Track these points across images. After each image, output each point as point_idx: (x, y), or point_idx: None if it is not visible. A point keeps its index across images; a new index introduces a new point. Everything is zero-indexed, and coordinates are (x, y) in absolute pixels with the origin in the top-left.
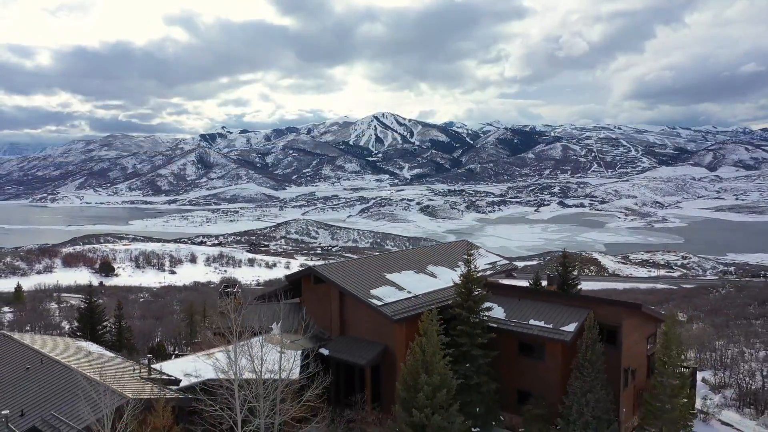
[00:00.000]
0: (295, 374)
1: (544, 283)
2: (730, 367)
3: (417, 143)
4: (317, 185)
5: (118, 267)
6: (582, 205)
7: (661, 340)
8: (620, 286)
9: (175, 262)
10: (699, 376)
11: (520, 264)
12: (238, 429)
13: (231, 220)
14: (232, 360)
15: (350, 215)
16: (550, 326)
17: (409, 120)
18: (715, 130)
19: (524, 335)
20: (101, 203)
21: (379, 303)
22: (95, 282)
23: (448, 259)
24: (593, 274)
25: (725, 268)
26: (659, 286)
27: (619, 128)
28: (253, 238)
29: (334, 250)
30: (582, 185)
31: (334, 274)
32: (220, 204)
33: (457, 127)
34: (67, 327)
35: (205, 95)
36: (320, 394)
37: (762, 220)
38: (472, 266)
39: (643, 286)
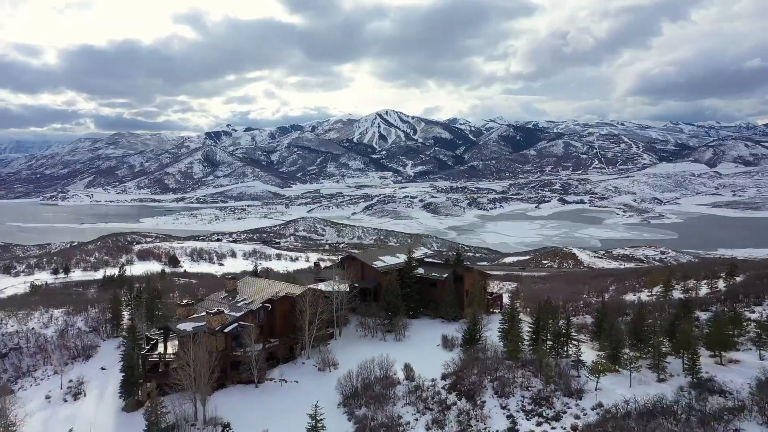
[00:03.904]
0: (346, 289)
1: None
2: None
3: (420, 140)
4: (322, 183)
5: (181, 260)
6: (582, 202)
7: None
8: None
9: (220, 256)
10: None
11: (514, 259)
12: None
13: (239, 218)
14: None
15: (354, 212)
16: (439, 276)
17: (413, 117)
18: (719, 125)
19: (430, 279)
20: (110, 201)
21: (377, 266)
22: (166, 271)
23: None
24: (570, 267)
25: (698, 262)
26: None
27: (622, 124)
28: (264, 236)
29: (341, 246)
30: (583, 182)
31: (360, 256)
32: (227, 202)
33: (461, 124)
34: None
35: (211, 93)
36: (350, 301)
37: (757, 216)
38: (412, 253)
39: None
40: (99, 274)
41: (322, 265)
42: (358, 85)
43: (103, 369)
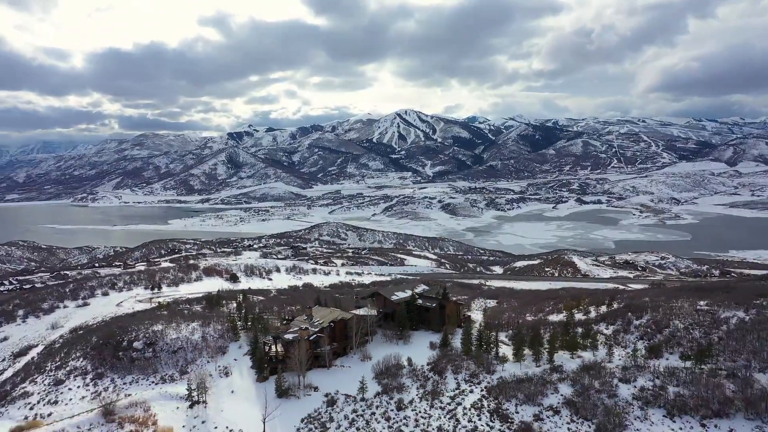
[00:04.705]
0: (374, 313)
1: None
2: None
3: (439, 140)
4: (342, 183)
5: (238, 276)
6: (599, 202)
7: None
8: (578, 285)
9: (267, 272)
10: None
11: (524, 263)
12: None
13: (263, 220)
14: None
15: (375, 213)
16: (431, 305)
17: (432, 117)
18: (743, 121)
19: (425, 306)
20: (138, 203)
21: (393, 298)
22: (228, 286)
23: (414, 285)
24: (569, 275)
25: (698, 267)
26: (602, 285)
27: (643, 121)
28: (291, 240)
29: (363, 253)
30: (601, 181)
31: (383, 292)
32: (251, 203)
33: (480, 123)
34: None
35: (233, 93)
36: (377, 320)
37: None
38: (414, 291)
39: (586, 285)
40: (182, 290)
41: (358, 307)
42: (379, 84)
43: (235, 360)
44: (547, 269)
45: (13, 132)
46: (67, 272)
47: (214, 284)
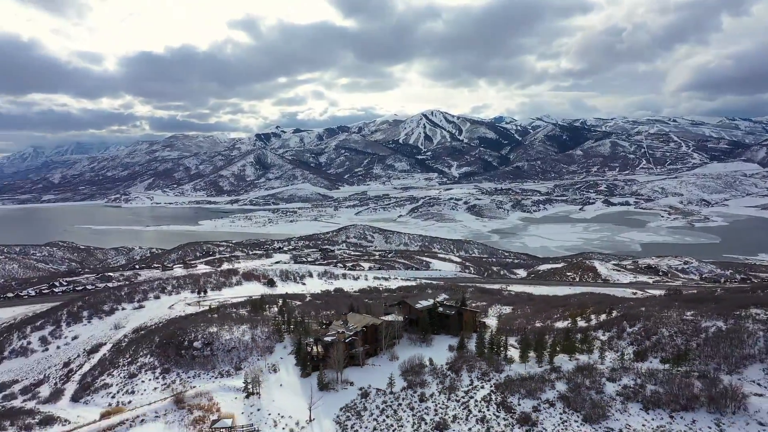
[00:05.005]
0: (401, 319)
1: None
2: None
3: (465, 141)
4: (368, 184)
5: (275, 280)
6: (627, 204)
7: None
8: (596, 290)
9: (301, 276)
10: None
11: (547, 267)
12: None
13: (291, 221)
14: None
15: (401, 215)
16: (450, 312)
17: (458, 117)
18: None
19: (445, 314)
20: (170, 203)
21: (417, 306)
22: (266, 290)
23: (436, 294)
24: (589, 279)
25: (721, 272)
26: (620, 291)
27: (674, 121)
28: (318, 242)
29: (389, 256)
30: (629, 182)
31: (408, 301)
32: (279, 204)
33: (506, 123)
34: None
35: (262, 95)
36: (404, 326)
37: None
38: (436, 301)
39: (604, 290)
40: (225, 294)
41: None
42: (407, 84)
43: (281, 358)
44: (568, 274)
45: (48, 133)
46: (110, 274)
47: (253, 288)
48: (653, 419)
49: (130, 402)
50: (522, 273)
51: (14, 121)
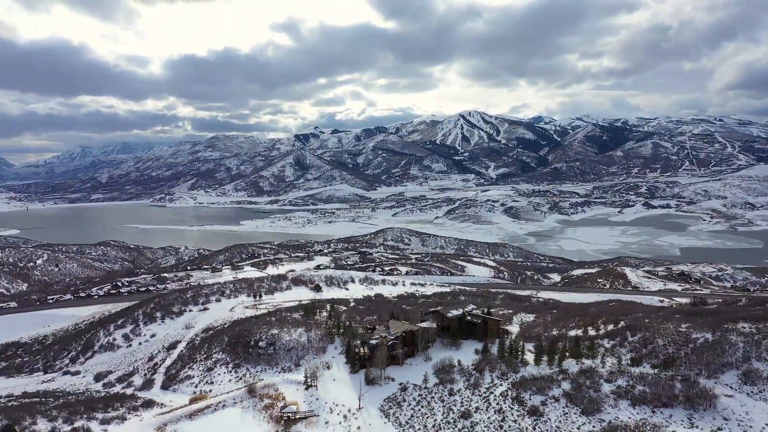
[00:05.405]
0: (434, 326)
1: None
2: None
3: (503, 141)
4: (405, 185)
5: (321, 286)
6: (668, 206)
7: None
8: (624, 297)
9: (344, 282)
10: (515, 326)
11: (582, 271)
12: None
13: (329, 222)
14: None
15: (437, 217)
16: (477, 320)
17: (496, 118)
18: None
19: (472, 321)
20: (212, 203)
21: (448, 315)
22: (313, 295)
23: (465, 304)
24: (619, 286)
25: (756, 279)
26: (648, 298)
27: (720, 120)
28: (357, 245)
29: (426, 260)
30: (671, 185)
31: (441, 311)
32: (317, 204)
33: (545, 123)
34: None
35: (301, 96)
36: (437, 331)
37: None
38: (465, 310)
39: (631, 297)
40: (277, 298)
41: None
42: (445, 84)
43: (333, 357)
44: (599, 280)
45: (96, 134)
46: (165, 275)
47: (301, 293)
48: (638, 413)
49: (210, 391)
50: (556, 277)
51: (64, 122)
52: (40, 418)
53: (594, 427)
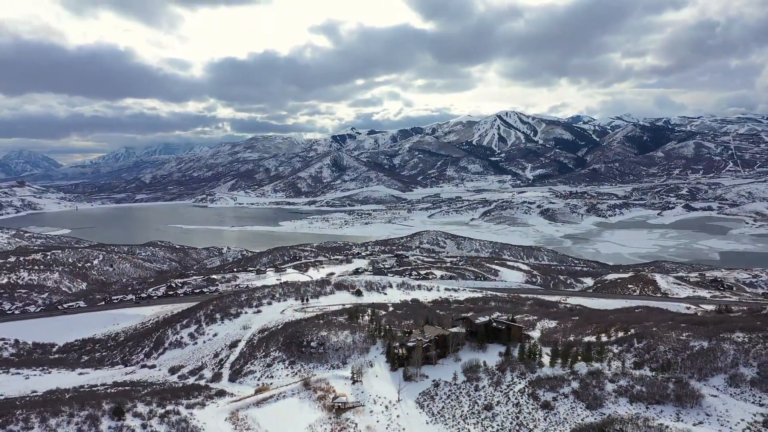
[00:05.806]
0: (463, 331)
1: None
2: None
3: (540, 142)
4: (441, 186)
5: (362, 290)
6: (709, 209)
7: (517, 329)
8: (651, 303)
9: (383, 287)
10: (537, 332)
11: (616, 276)
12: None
13: (366, 223)
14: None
15: (473, 218)
16: (502, 326)
17: (533, 118)
18: None
19: (497, 327)
20: (252, 204)
21: (476, 322)
22: (354, 299)
23: (492, 312)
24: (648, 292)
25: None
26: (675, 305)
27: None
28: (393, 247)
29: (460, 264)
30: (713, 186)
31: (470, 317)
32: (354, 205)
33: (584, 123)
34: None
35: (339, 97)
36: (466, 336)
37: None
38: (491, 317)
39: (658, 304)
40: (322, 301)
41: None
42: (484, 84)
43: (375, 357)
44: (629, 286)
45: (139, 135)
46: (214, 276)
47: (343, 297)
48: (634, 409)
49: (271, 383)
50: (589, 282)
51: (109, 124)
52: (138, 402)
53: (595, 419)
